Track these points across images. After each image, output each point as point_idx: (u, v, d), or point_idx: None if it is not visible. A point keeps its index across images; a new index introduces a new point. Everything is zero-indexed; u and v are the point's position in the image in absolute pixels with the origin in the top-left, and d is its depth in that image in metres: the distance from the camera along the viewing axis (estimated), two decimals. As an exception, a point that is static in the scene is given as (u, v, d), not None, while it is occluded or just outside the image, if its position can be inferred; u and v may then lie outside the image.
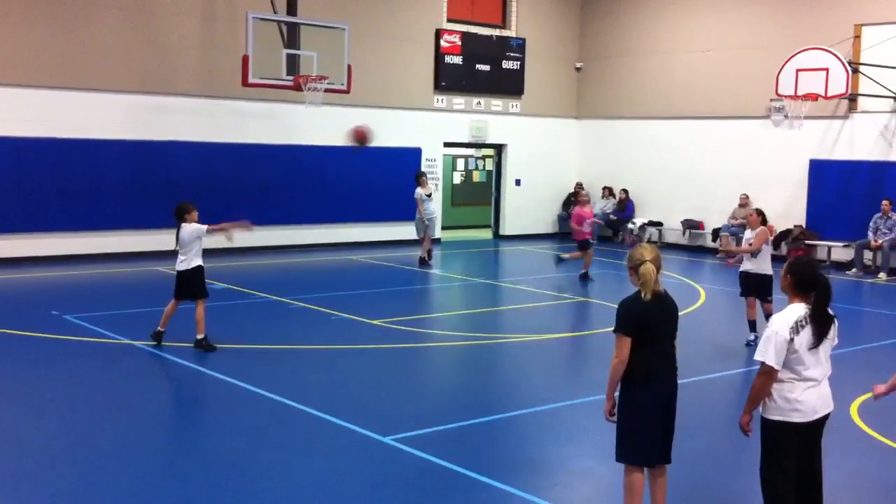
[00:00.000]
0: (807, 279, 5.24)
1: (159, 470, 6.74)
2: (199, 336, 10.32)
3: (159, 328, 10.50)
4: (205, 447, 7.30)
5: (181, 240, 10.28)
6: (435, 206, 18.64)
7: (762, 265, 11.39)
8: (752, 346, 10.99)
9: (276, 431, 7.63)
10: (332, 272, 17.51)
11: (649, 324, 5.45)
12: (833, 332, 5.30)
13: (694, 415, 8.54)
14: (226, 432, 7.62)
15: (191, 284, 10.35)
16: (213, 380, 9.21)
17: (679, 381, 5.67)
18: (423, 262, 18.03)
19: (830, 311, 5.27)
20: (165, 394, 9.37)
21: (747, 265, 11.47)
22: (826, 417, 5.32)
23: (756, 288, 11.41)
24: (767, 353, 5.14)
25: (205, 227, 10.31)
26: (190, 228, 10.27)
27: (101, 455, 6.99)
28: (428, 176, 19.01)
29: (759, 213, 11.78)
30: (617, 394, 5.61)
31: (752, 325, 11.35)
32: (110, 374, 9.40)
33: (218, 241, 17.12)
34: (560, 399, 8.74)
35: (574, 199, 18.69)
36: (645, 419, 5.50)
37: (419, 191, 18.03)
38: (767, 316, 10.93)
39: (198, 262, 10.35)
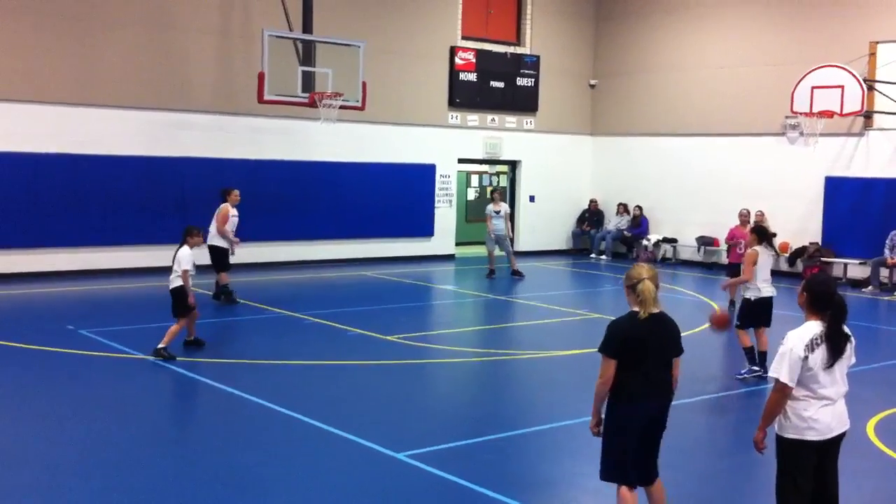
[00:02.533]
0: (822, 297, 5.21)
1: (169, 484, 6.74)
2: (160, 345, 10.57)
3: (187, 338, 11.02)
4: (216, 462, 7.30)
5: (175, 260, 10.83)
6: (503, 224, 18.87)
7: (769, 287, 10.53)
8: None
9: (288, 446, 7.63)
10: (346, 288, 17.53)
11: (636, 345, 5.42)
12: (849, 350, 5.27)
13: (706, 432, 8.51)
14: (237, 447, 7.62)
15: (174, 301, 10.80)
16: (226, 394, 9.22)
17: (692, 399, 5.66)
18: (517, 274, 18.91)
19: (846, 330, 5.24)
20: (177, 408, 9.39)
21: (769, 290, 10.48)
22: (842, 436, 5.28)
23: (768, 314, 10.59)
24: (781, 369, 5.12)
25: (189, 268, 10.75)
26: (186, 254, 10.76)
27: (111, 468, 7.01)
28: (500, 193, 19.64)
29: (755, 230, 10.78)
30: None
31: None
32: (123, 389, 9.42)
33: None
34: (573, 416, 8.70)
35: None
36: (624, 440, 5.48)
37: (489, 207, 19.01)
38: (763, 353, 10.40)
39: (179, 282, 10.75)
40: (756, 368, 10.29)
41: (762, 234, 10.61)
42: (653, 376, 5.46)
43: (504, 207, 19.06)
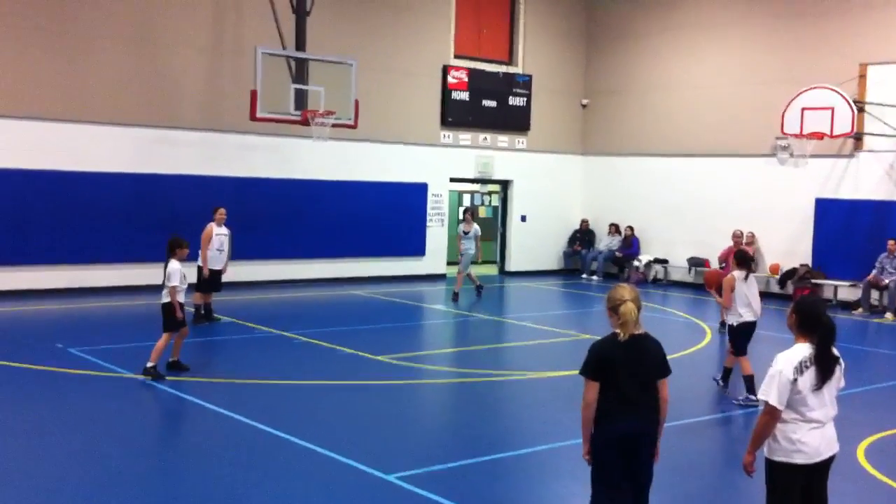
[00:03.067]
0: (811, 319, 5.21)
1: (159, 505, 6.69)
2: (149, 364, 10.44)
3: (171, 358, 10.81)
4: (202, 482, 7.24)
5: (165, 275, 10.64)
6: (472, 244, 18.53)
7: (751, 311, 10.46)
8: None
9: (276, 467, 7.58)
10: (337, 307, 17.48)
11: (616, 367, 5.38)
12: (839, 373, 5.26)
13: (697, 454, 8.48)
14: (225, 467, 7.57)
15: (164, 316, 10.66)
16: (214, 414, 9.16)
17: (682, 422, 5.62)
18: (456, 298, 18.29)
19: (835, 353, 5.23)
20: (166, 428, 9.32)
21: (750, 314, 10.41)
22: (831, 459, 5.26)
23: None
24: (770, 392, 5.11)
25: (177, 283, 10.55)
26: (174, 269, 10.56)
27: (98, 488, 6.94)
28: (471, 213, 19.16)
29: (736, 255, 10.76)
30: None
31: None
32: (112, 408, 9.35)
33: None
34: (564, 438, 8.67)
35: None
36: (602, 465, 5.44)
37: (459, 227, 18.80)
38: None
39: (168, 297, 10.61)
40: (753, 398, 9.78)
41: (741, 260, 10.56)
42: (634, 398, 5.41)
43: (474, 228, 18.69)
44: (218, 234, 14.37)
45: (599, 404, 5.40)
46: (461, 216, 19.32)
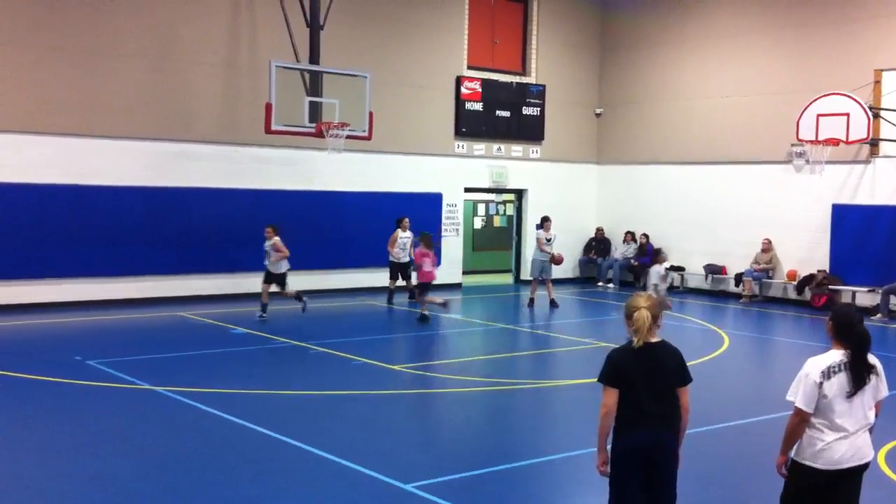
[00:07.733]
0: (844, 327, 5.23)
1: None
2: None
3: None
4: (220, 494, 7.25)
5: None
6: (548, 250, 19.15)
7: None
8: None
9: (294, 478, 7.59)
10: (353, 317, 17.51)
11: (630, 374, 5.34)
12: (874, 381, 5.24)
13: (717, 462, 8.44)
14: (243, 479, 7.58)
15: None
16: (231, 424, 9.19)
17: (701, 429, 5.60)
18: (531, 304, 18.95)
19: (871, 361, 5.22)
20: (183, 439, 9.33)
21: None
22: (860, 469, 5.22)
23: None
24: (797, 394, 5.17)
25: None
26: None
27: (115, 500, 6.96)
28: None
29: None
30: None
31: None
32: (130, 420, 9.39)
33: (237, 283, 17.20)
34: (580, 446, 8.63)
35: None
36: (618, 477, 5.38)
37: (541, 232, 19.43)
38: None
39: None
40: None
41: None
42: (650, 408, 5.33)
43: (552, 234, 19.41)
44: (402, 238, 18.50)
45: (620, 415, 5.36)
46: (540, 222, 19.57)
